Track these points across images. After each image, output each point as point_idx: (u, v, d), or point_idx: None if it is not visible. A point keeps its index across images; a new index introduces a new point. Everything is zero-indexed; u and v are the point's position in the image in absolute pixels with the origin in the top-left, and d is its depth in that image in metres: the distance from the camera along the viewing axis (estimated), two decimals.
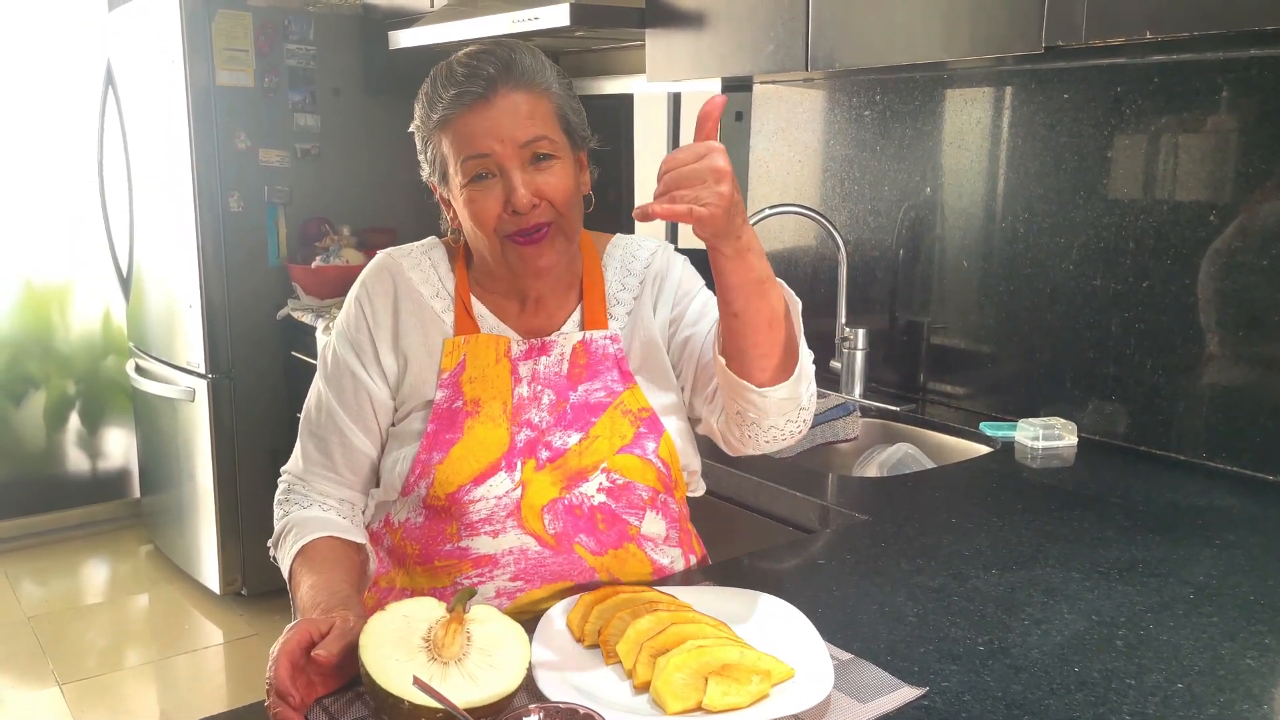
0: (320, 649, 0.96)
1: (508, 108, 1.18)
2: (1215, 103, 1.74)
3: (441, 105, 1.20)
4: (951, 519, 1.54)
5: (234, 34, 3.18)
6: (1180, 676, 1.06)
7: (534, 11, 2.42)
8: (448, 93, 1.19)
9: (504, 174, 1.19)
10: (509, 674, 0.96)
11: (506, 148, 1.18)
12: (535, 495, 1.23)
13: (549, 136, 1.20)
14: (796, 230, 2.53)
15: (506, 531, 1.23)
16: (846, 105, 2.37)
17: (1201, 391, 1.79)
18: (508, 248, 1.22)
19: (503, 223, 1.20)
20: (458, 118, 1.19)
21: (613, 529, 1.27)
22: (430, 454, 1.23)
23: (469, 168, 1.19)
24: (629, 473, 1.26)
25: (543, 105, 1.21)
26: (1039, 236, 2.01)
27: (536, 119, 1.19)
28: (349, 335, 1.30)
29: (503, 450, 1.24)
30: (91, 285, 4.01)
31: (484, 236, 1.22)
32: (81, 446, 4.11)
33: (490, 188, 1.20)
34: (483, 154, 1.18)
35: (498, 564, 1.23)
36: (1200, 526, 1.51)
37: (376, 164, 3.50)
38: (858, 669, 1.05)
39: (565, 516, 1.24)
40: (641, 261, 1.36)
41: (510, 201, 1.18)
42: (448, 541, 1.25)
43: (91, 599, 3.63)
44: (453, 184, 1.23)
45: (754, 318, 1.12)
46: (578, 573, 1.24)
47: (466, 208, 1.21)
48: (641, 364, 1.32)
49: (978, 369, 2.17)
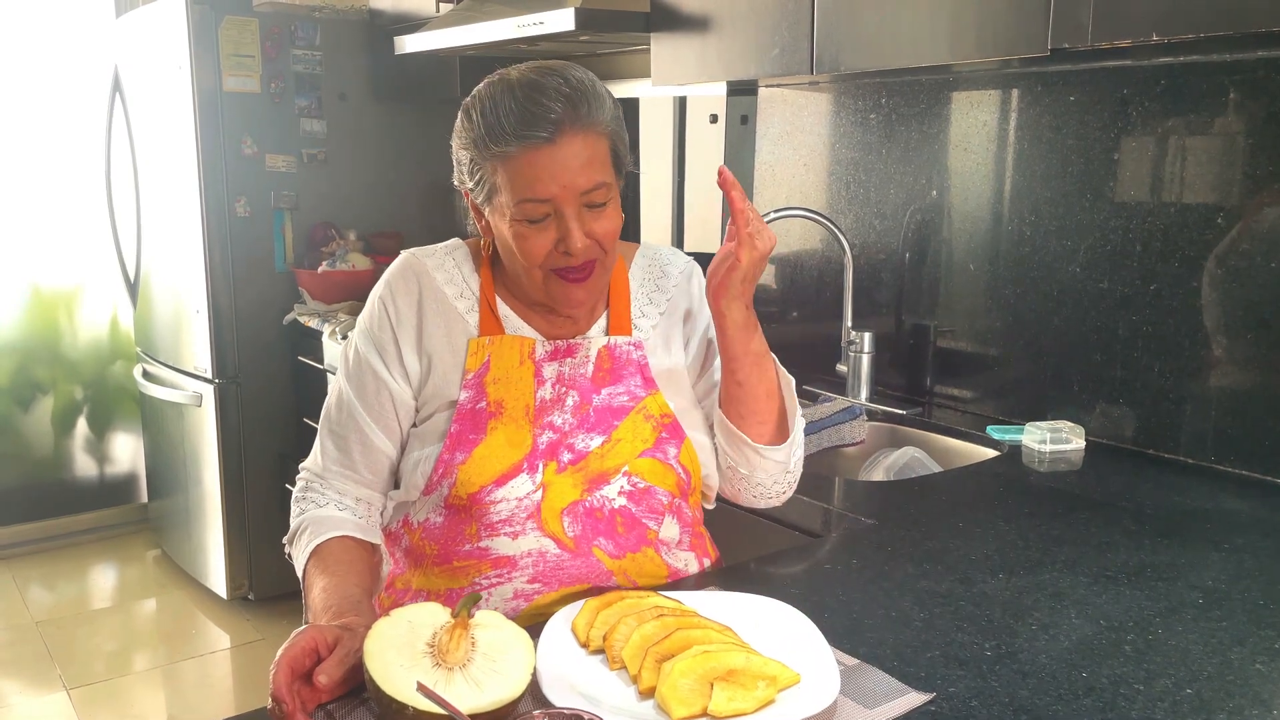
0: (321, 673, 0.96)
1: (571, 153, 1.17)
2: (1222, 105, 1.73)
3: (505, 140, 1.17)
4: (958, 523, 1.54)
5: (241, 40, 3.19)
6: (1189, 682, 1.05)
7: (539, 16, 2.42)
8: (510, 125, 1.16)
9: (559, 217, 1.19)
10: (513, 680, 0.95)
11: (567, 194, 1.18)
12: (556, 497, 1.24)
13: (606, 182, 1.20)
14: (802, 234, 2.52)
15: (526, 533, 1.24)
16: (852, 108, 2.37)
17: (1209, 395, 1.79)
18: (550, 280, 1.23)
19: (551, 259, 1.21)
20: (520, 156, 1.17)
21: (632, 532, 1.27)
22: (454, 454, 1.24)
23: (526, 209, 1.19)
24: (650, 476, 1.27)
25: (601, 148, 1.20)
26: (1046, 239, 2.00)
27: (594, 165, 1.19)
28: (372, 334, 1.30)
29: (525, 452, 1.24)
30: (99, 290, 4.02)
31: (527, 269, 1.23)
32: (89, 452, 4.12)
33: (545, 228, 1.20)
34: (543, 199, 1.18)
35: (516, 565, 1.24)
36: (1209, 530, 1.50)
37: (383, 169, 3.50)
38: (864, 674, 1.05)
39: (585, 519, 1.25)
40: (671, 279, 1.38)
41: (564, 243, 1.19)
42: (467, 542, 1.25)
43: (99, 604, 3.64)
44: (499, 209, 1.21)
45: (755, 387, 1.28)
46: (595, 576, 1.25)
47: (515, 241, 1.21)
48: (666, 384, 1.33)
49: (984, 372, 2.16)
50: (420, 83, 3.32)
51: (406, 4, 3.25)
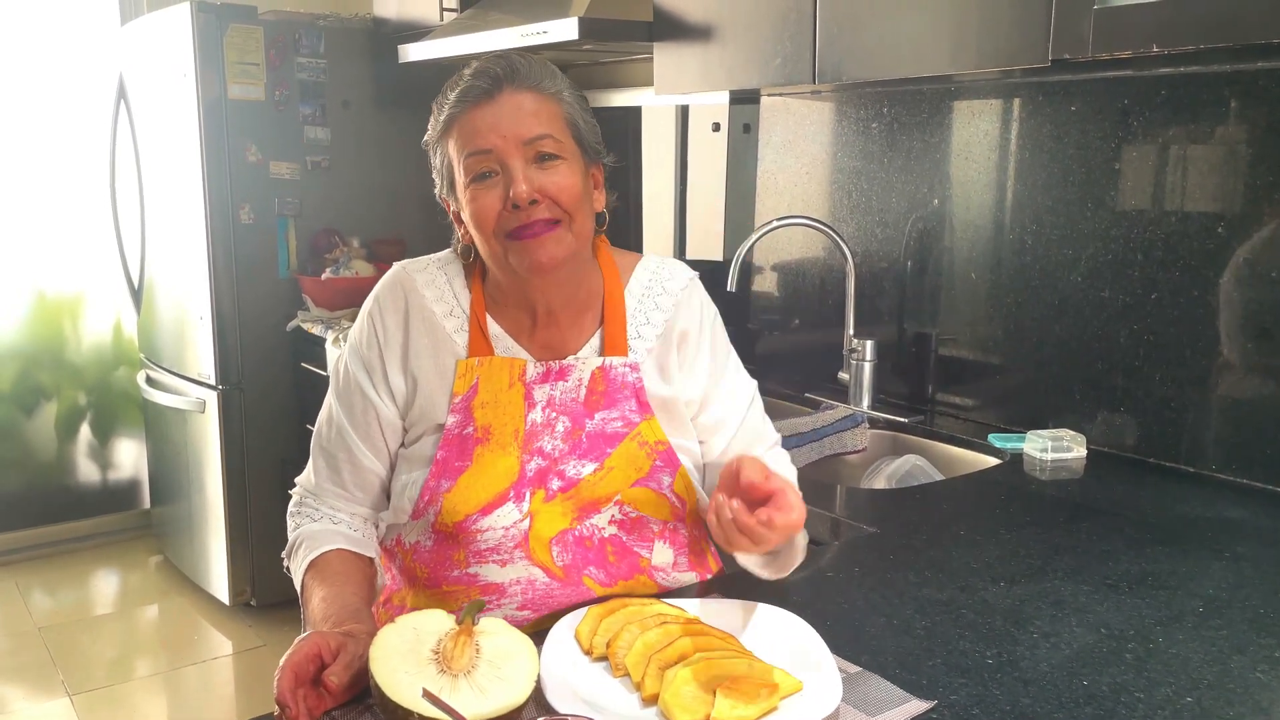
0: (331, 675, 0.97)
1: (512, 106, 1.17)
2: (1223, 115, 1.74)
3: (448, 106, 1.19)
4: (960, 531, 1.54)
5: (246, 48, 3.20)
6: (1189, 690, 1.06)
7: (543, 25, 2.43)
8: (453, 93, 1.19)
9: (505, 170, 1.16)
10: (517, 686, 0.96)
11: (509, 144, 1.16)
12: (543, 527, 1.22)
13: (554, 136, 1.18)
14: (804, 242, 2.53)
15: (514, 562, 1.23)
16: (854, 117, 2.37)
17: (1211, 403, 1.79)
18: (509, 248, 1.19)
19: (503, 220, 1.17)
20: (462, 115, 1.18)
21: (624, 561, 1.26)
22: (439, 481, 1.22)
23: (471, 164, 1.17)
24: (642, 506, 1.25)
25: (549, 107, 1.19)
26: (1047, 248, 2.01)
27: (542, 118, 1.18)
28: (360, 352, 1.28)
29: (511, 480, 1.22)
30: (103, 296, 4.03)
31: (485, 240, 1.20)
32: (92, 457, 4.12)
33: (492, 186, 1.17)
34: (484, 150, 1.16)
35: (505, 593, 1.23)
36: (1210, 539, 1.50)
37: (386, 176, 3.51)
38: (866, 682, 1.05)
39: (575, 548, 1.23)
40: (671, 296, 1.32)
41: (510, 196, 1.15)
42: (456, 568, 1.24)
43: (101, 610, 3.64)
44: (459, 188, 1.20)
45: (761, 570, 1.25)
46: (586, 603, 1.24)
47: (469, 207, 1.19)
48: (661, 408, 1.29)
49: (986, 380, 2.16)
50: (424, 91, 3.29)
51: (411, 13, 3.26)
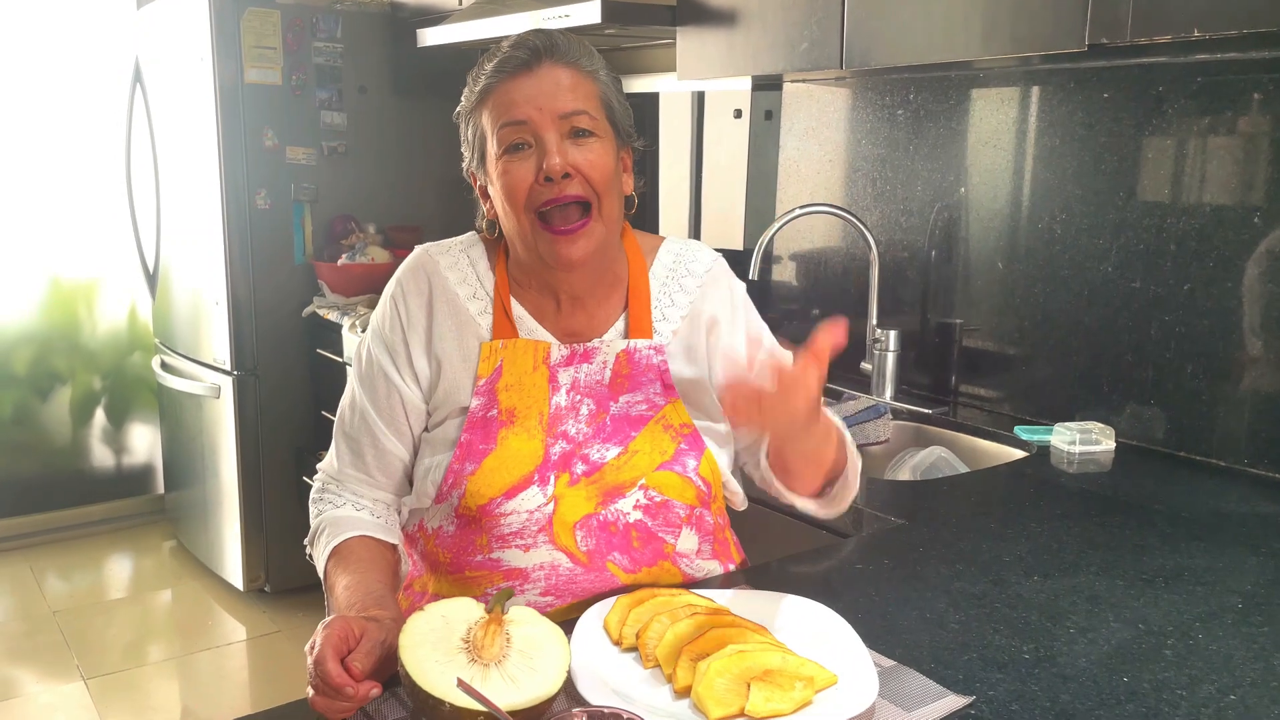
0: (354, 659, 0.95)
1: (550, 79, 1.16)
2: (1260, 103, 1.71)
3: (484, 76, 1.18)
4: (990, 524, 1.52)
5: (262, 32, 3.18)
6: (1233, 688, 1.04)
7: (564, 9, 2.40)
8: (491, 64, 1.17)
9: (539, 142, 1.15)
10: (549, 677, 0.94)
11: (545, 116, 1.15)
12: (567, 511, 1.21)
13: (589, 113, 1.17)
14: (827, 230, 2.50)
15: (538, 546, 1.21)
16: (879, 104, 2.34)
17: (1243, 397, 1.76)
18: (540, 236, 1.17)
19: (535, 193, 1.16)
20: (499, 85, 1.16)
21: (648, 546, 1.24)
22: (463, 464, 1.21)
23: (505, 135, 1.16)
24: (667, 490, 1.23)
25: (586, 84, 1.18)
26: (1076, 237, 1.98)
27: (579, 94, 1.17)
28: (383, 335, 1.27)
29: (536, 463, 1.21)
30: (118, 282, 4.02)
31: (515, 215, 1.18)
32: (107, 442, 4.12)
33: (525, 158, 1.16)
34: (520, 120, 1.15)
35: (528, 578, 1.21)
36: (1245, 534, 1.48)
37: (403, 162, 3.49)
38: (901, 676, 1.03)
39: (599, 533, 1.22)
40: (696, 278, 1.31)
41: (544, 168, 1.14)
42: (479, 552, 1.23)
43: (116, 594, 3.65)
44: (489, 160, 1.19)
45: (820, 451, 1.20)
46: (610, 590, 1.22)
47: (500, 179, 1.17)
48: (686, 391, 1.27)
49: (1011, 372, 2.14)
50: (442, 76, 3.29)
51: None
